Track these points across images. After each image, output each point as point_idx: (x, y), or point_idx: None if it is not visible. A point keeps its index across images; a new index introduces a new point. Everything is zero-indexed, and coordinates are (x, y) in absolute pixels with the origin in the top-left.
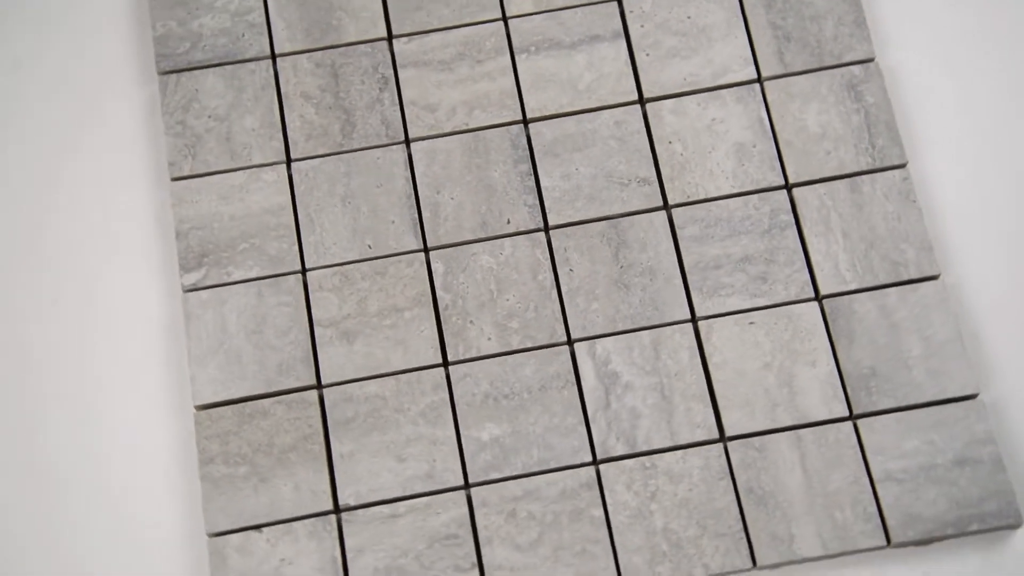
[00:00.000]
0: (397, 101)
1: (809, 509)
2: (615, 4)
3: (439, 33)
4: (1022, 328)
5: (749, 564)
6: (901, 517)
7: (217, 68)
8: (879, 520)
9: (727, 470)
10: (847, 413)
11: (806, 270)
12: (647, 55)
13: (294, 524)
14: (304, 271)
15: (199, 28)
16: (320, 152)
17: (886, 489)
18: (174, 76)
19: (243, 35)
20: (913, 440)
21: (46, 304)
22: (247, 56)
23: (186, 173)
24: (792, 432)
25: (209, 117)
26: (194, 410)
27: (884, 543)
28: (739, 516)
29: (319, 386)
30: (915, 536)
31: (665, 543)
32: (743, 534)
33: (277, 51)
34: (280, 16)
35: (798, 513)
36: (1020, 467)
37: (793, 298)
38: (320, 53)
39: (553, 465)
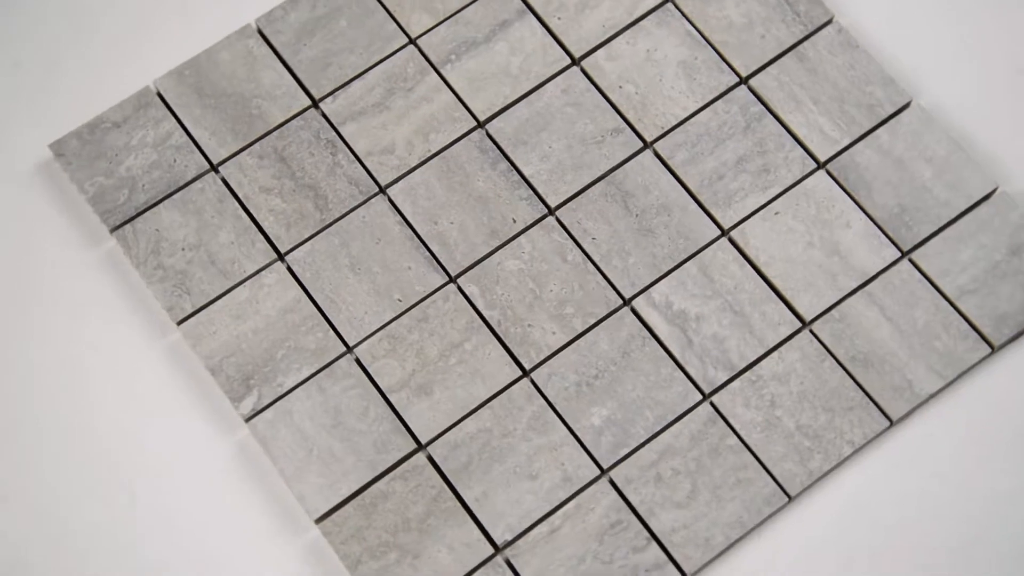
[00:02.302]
0: (353, 157)
1: (911, 351)
2: None
3: (358, 80)
4: (1005, 115)
5: (886, 423)
6: (991, 321)
7: (166, 201)
8: (975, 333)
9: (823, 350)
10: (898, 254)
11: (798, 146)
12: (558, 19)
13: None
14: (351, 349)
15: (128, 172)
16: (307, 235)
17: (966, 303)
18: (128, 227)
19: (175, 160)
20: (966, 250)
21: (123, 503)
22: (189, 178)
23: (189, 311)
24: (861, 292)
25: (183, 250)
26: (316, 525)
27: (989, 350)
28: (855, 385)
29: (422, 447)
30: (1011, 332)
31: (805, 439)
32: (867, 399)
33: (215, 161)
34: (201, 128)
35: (904, 359)
36: None
37: (799, 175)
38: (257, 145)
39: (670, 418)
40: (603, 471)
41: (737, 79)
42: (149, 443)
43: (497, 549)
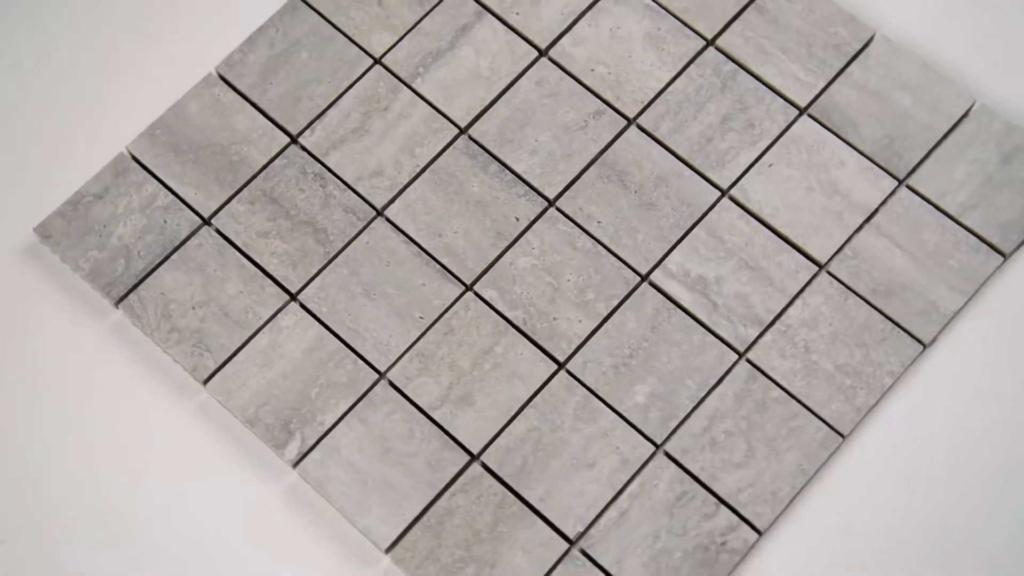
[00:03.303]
0: (344, 186)
1: (928, 274)
2: None
3: (332, 109)
4: (966, 30)
5: (919, 347)
6: (997, 231)
7: (165, 263)
8: (984, 245)
9: (845, 289)
10: (895, 183)
11: (776, 97)
12: (516, 14)
13: None
14: (383, 375)
15: (120, 241)
16: (314, 271)
17: (970, 218)
18: (132, 297)
19: (165, 221)
20: (959, 168)
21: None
22: (184, 236)
23: (213, 368)
24: (868, 226)
25: (193, 308)
26: (386, 555)
27: (1001, 259)
28: (883, 317)
29: (475, 457)
30: (1019, 238)
31: (846, 378)
32: (897, 328)
33: (206, 214)
34: (184, 184)
35: (923, 282)
36: None
37: (784, 125)
38: (245, 191)
39: (711, 382)
40: (658, 446)
41: (704, 42)
42: (197, 509)
43: (571, 543)
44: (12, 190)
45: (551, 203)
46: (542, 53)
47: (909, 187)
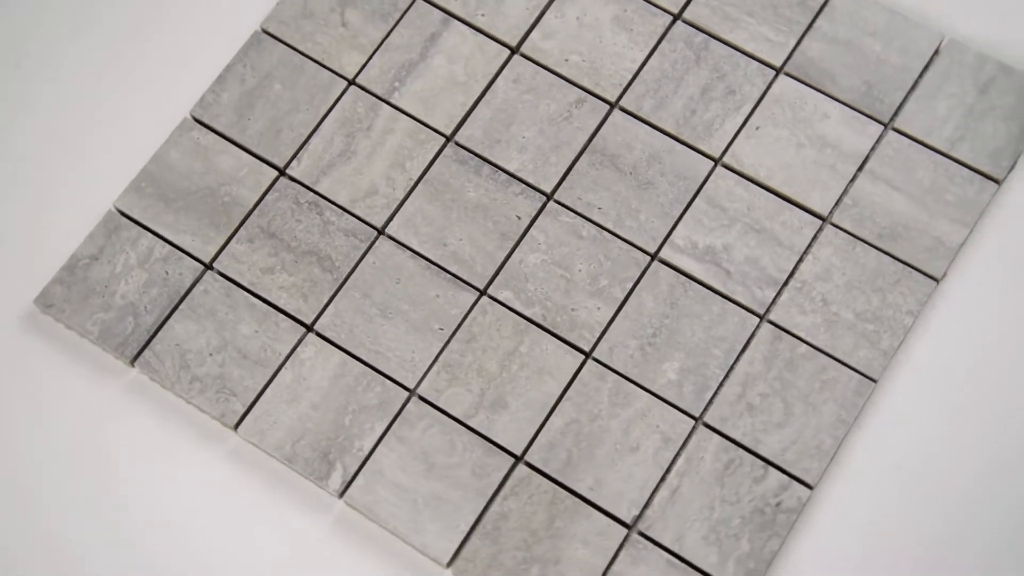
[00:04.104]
0: (340, 210)
1: (928, 211)
2: (423, 2)
3: (315, 136)
4: None
5: (933, 283)
6: (987, 159)
7: (175, 314)
8: (977, 175)
9: (851, 238)
10: (881, 127)
11: (751, 60)
12: (482, 16)
13: (616, 567)
14: (414, 392)
15: (124, 299)
16: (326, 299)
17: (959, 151)
18: (147, 353)
19: (167, 273)
20: (940, 104)
21: None
22: (188, 284)
23: (241, 412)
24: (862, 173)
25: (211, 355)
26: (448, 569)
27: (996, 186)
28: (892, 259)
29: (520, 459)
30: (1009, 162)
31: (868, 324)
32: (908, 268)
33: (206, 259)
34: (179, 233)
35: (925, 219)
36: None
37: (764, 87)
38: (242, 230)
39: (738, 348)
40: (697, 419)
41: (671, 17)
42: (249, 555)
43: (629, 527)
44: (3, 258)
45: (549, 197)
46: (514, 51)
47: (895, 129)
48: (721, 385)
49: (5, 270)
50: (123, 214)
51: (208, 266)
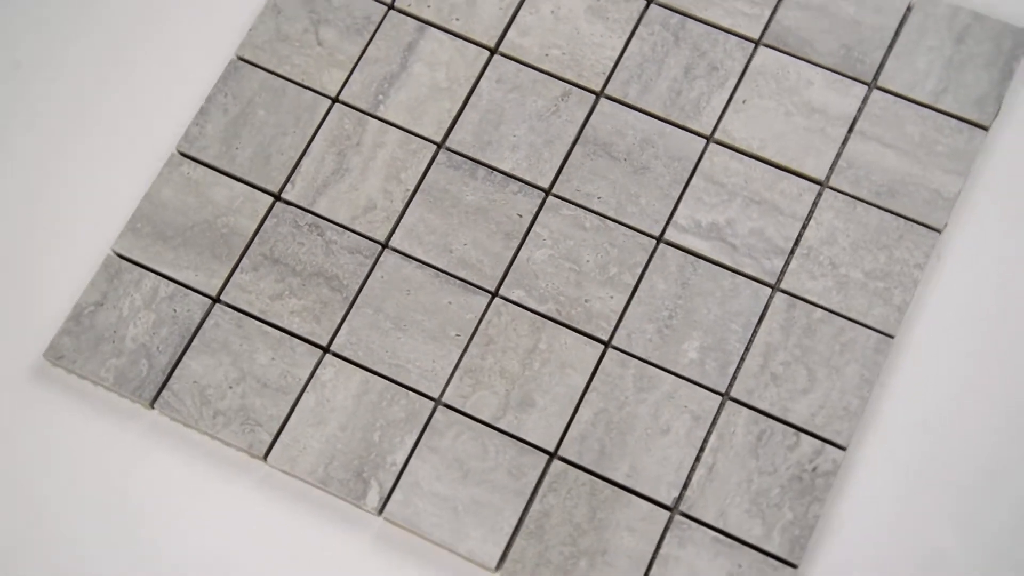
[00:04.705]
0: (341, 228)
1: (922, 164)
2: (396, 12)
3: (306, 157)
4: None
5: (935, 234)
6: (973, 107)
7: (188, 351)
8: (965, 123)
9: (850, 199)
10: (865, 87)
11: (729, 35)
12: (457, 20)
13: (663, 550)
14: (439, 401)
15: (135, 342)
16: (338, 319)
17: (944, 102)
18: (166, 393)
19: (175, 311)
20: (919, 58)
21: None
22: (198, 320)
23: (269, 441)
24: (853, 134)
25: (231, 388)
26: (497, 573)
27: (984, 131)
28: (894, 215)
29: (553, 455)
30: (993, 108)
31: (879, 282)
32: (909, 223)
33: (213, 293)
34: (182, 269)
35: (919, 173)
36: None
37: (745, 60)
38: (245, 259)
39: (754, 321)
40: (723, 395)
41: (645, 1)
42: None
43: (671, 509)
44: (8, 314)
45: (548, 192)
46: (493, 51)
47: (879, 88)
48: (743, 359)
49: (7, 325)
50: (122, 257)
51: (216, 299)
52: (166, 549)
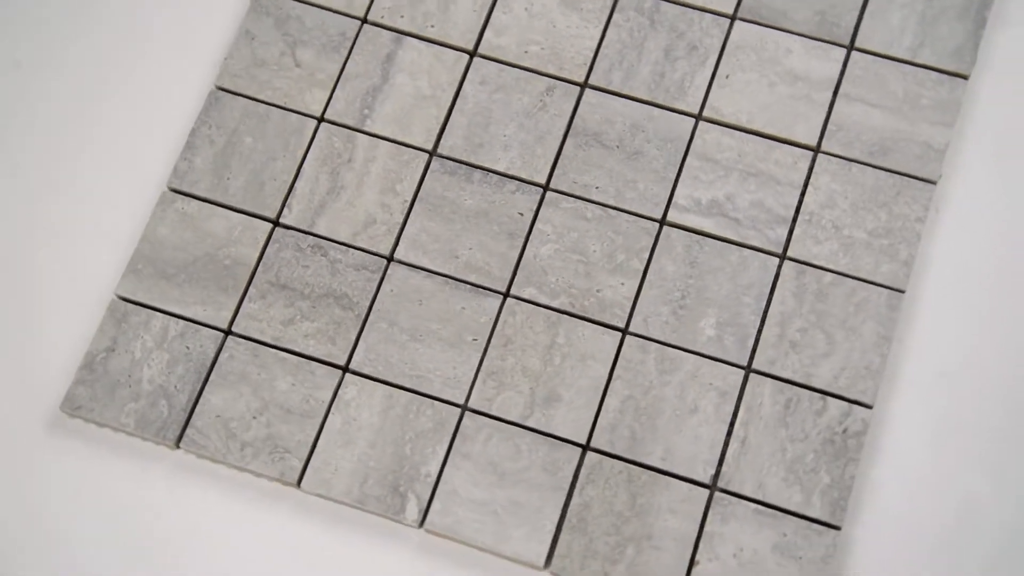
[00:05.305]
0: (344, 247)
1: (909, 119)
2: (370, 26)
3: (299, 180)
4: None
5: (931, 186)
6: (951, 59)
7: (207, 387)
8: (946, 75)
9: (844, 161)
10: (844, 51)
11: (704, 13)
12: (431, 27)
13: (708, 528)
14: (465, 407)
15: (152, 384)
16: (354, 337)
17: (923, 56)
18: (190, 431)
19: (187, 348)
20: (893, 16)
21: None
22: (212, 354)
23: (300, 467)
24: (839, 97)
25: (254, 418)
26: (546, 570)
27: (965, 80)
28: (889, 172)
29: (586, 447)
30: (971, 57)
31: (883, 239)
32: (905, 178)
33: (223, 326)
34: (189, 305)
35: (907, 128)
36: None
37: (723, 37)
38: (252, 288)
39: (766, 292)
40: (746, 368)
41: None
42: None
43: (710, 487)
44: (10, 373)
45: (545, 187)
46: (472, 54)
47: (858, 49)
48: (760, 330)
49: (17, 380)
50: (127, 300)
51: (227, 332)
52: None
